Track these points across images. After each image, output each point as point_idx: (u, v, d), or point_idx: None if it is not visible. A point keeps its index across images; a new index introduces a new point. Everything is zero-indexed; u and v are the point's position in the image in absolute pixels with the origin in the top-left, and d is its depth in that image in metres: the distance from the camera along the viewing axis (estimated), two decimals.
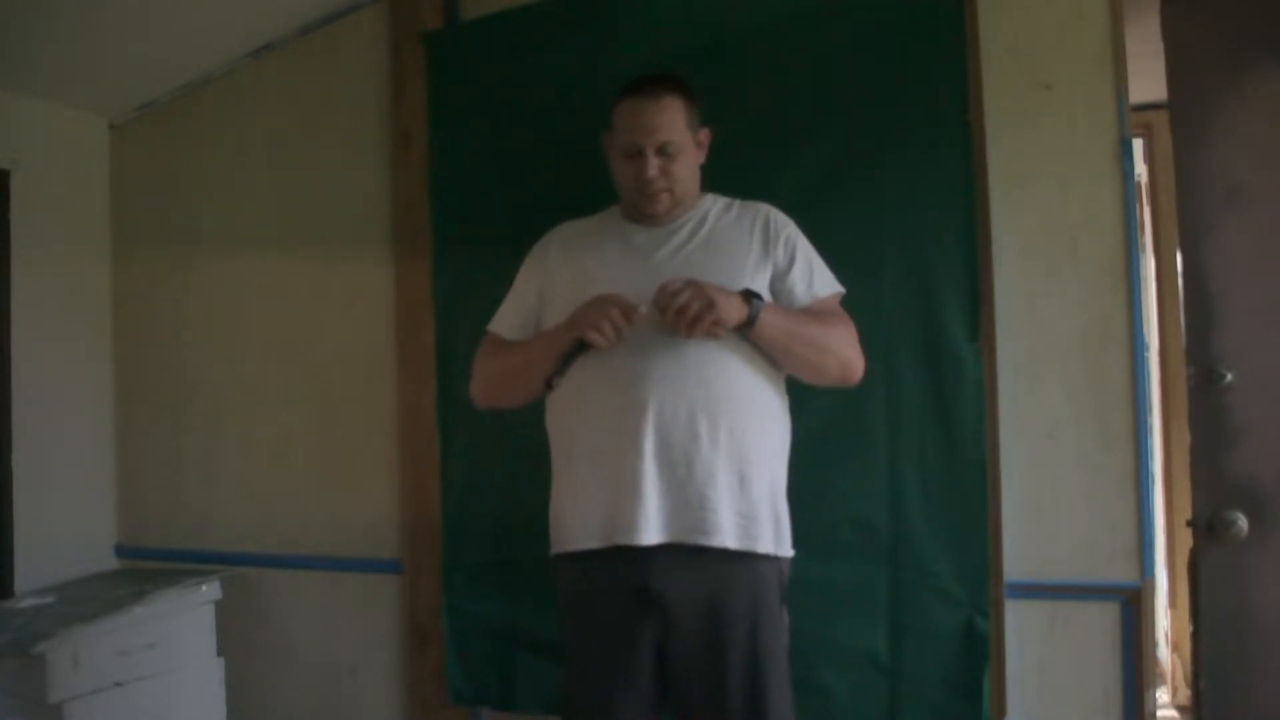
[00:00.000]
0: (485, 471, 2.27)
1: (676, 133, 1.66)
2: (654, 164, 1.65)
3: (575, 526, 1.65)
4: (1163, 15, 1.62)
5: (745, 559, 1.59)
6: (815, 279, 1.69)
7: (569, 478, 1.67)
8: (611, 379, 1.60)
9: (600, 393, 1.62)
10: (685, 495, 1.57)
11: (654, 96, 1.65)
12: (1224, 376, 1.56)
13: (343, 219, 2.56)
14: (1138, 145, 2.63)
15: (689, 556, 1.57)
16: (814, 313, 1.66)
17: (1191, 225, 1.60)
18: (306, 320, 2.61)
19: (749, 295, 1.57)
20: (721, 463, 1.57)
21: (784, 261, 1.68)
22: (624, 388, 1.59)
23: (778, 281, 1.68)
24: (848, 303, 1.76)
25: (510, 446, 2.13)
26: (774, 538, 1.62)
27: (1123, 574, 1.85)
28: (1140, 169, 2.83)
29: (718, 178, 1.79)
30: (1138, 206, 2.20)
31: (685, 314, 1.50)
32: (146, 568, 2.77)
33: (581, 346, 1.58)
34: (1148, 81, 1.80)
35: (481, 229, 2.30)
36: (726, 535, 1.57)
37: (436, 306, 2.36)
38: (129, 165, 2.88)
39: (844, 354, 1.66)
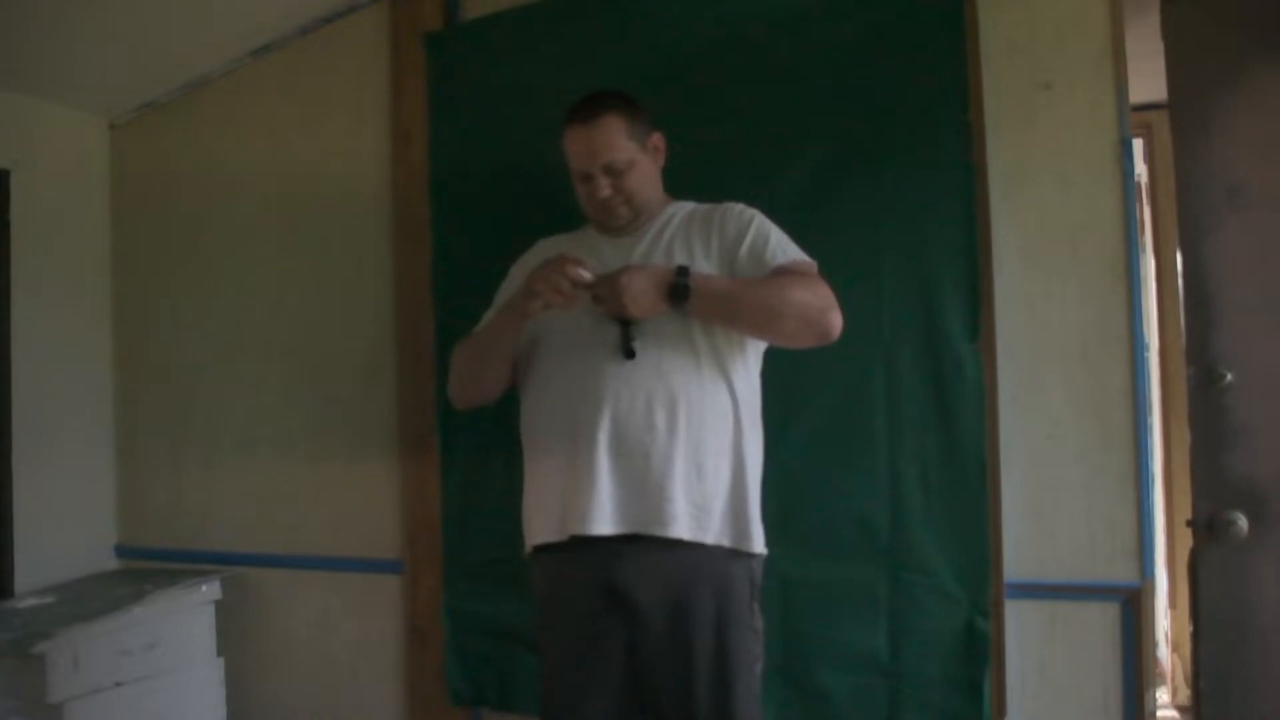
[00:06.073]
0: (485, 471, 2.27)
1: (619, 150, 1.67)
2: (604, 185, 1.68)
3: (538, 520, 1.68)
4: (1163, 15, 1.62)
5: (714, 556, 1.60)
6: (770, 250, 1.65)
7: (533, 473, 1.71)
8: (572, 377, 1.64)
9: (562, 389, 1.66)
10: (644, 486, 1.58)
11: (590, 120, 1.67)
12: (1224, 376, 1.56)
13: (343, 219, 2.56)
14: (1138, 145, 2.63)
15: (656, 552, 1.58)
16: (767, 278, 1.62)
17: (1191, 225, 1.60)
18: (306, 320, 2.61)
19: (679, 278, 1.56)
20: (679, 453, 1.59)
21: (732, 238, 1.67)
22: (583, 382, 1.62)
23: (729, 259, 1.66)
24: (850, 303, 1.74)
25: (510, 446, 2.13)
26: (730, 532, 1.62)
27: (1122, 574, 1.85)
28: (1140, 169, 2.82)
29: (717, 178, 1.79)
30: (1138, 206, 2.20)
31: (601, 300, 1.57)
32: (146, 568, 2.77)
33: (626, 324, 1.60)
34: (1148, 81, 1.79)
35: (482, 229, 2.30)
36: (681, 525, 1.58)
37: (436, 306, 2.36)
38: (129, 165, 2.88)
39: (803, 310, 1.57)
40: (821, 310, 1.58)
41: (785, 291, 1.59)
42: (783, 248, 1.66)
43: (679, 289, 1.55)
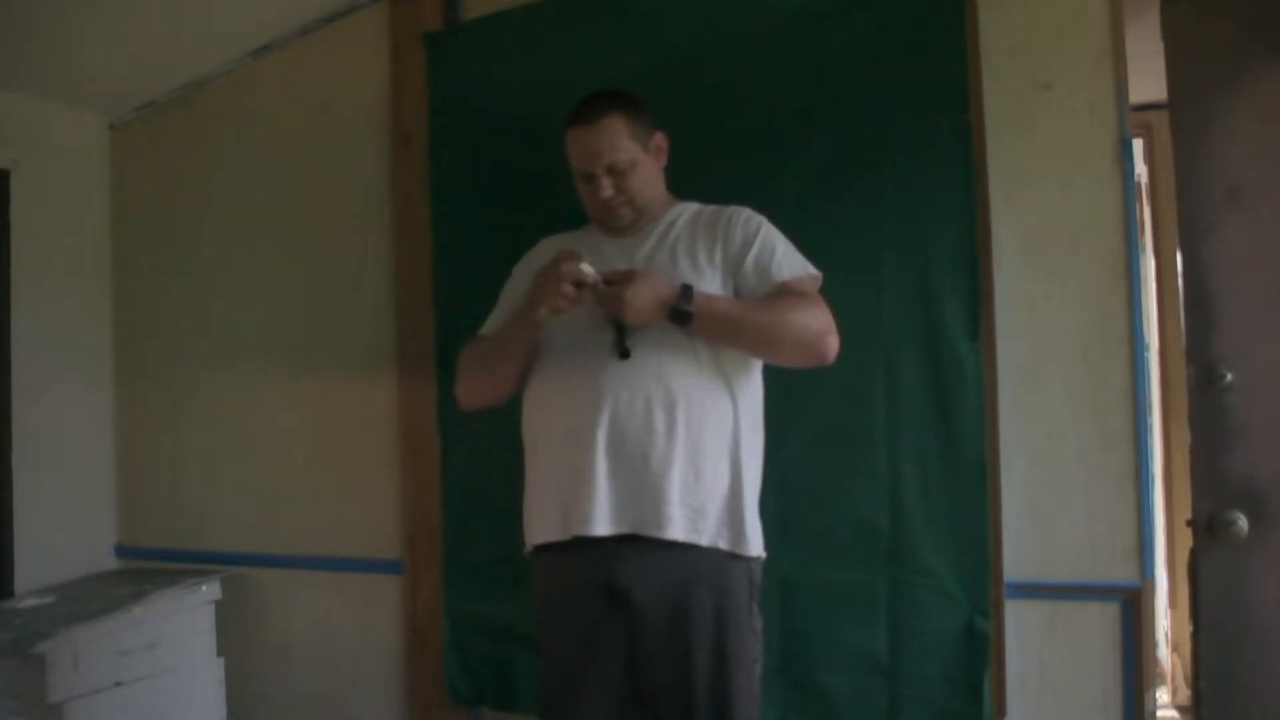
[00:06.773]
0: (485, 471, 2.27)
1: (622, 150, 1.67)
2: (606, 185, 1.68)
3: (538, 520, 1.68)
4: (1163, 15, 1.62)
5: (712, 557, 1.61)
6: (775, 264, 1.66)
7: (533, 472, 1.72)
8: (572, 376, 1.64)
9: (562, 389, 1.66)
10: (641, 487, 1.58)
11: (592, 121, 1.67)
12: (1224, 376, 1.56)
13: (343, 219, 2.56)
14: (1138, 145, 2.63)
15: (655, 553, 1.59)
16: (768, 300, 1.64)
17: (1191, 225, 1.60)
18: (306, 320, 2.61)
19: (682, 303, 1.57)
20: (677, 455, 1.59)
21: (738, 249, 1.68)
22: (583, 383, 1.62)
23: (733, 269, 1.67)
24: (849, 303, 1.74)
25: (510, 446, 2.14)
26: (726, 534, 1.62)
27: (1123, 574, 1.85)
28: (1140, 169, 2.82)
29: (717, 178, 1.79)
30: (1138, 206, 2.20)
31: (602, 304, 1.58)
32: (146, 567, 2.77)
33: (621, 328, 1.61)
34: (1148, 81, 1.79)
35: (481, 229, 2.30)
36: (677, 527, 1.58)
37: (436, 306, 2.36)
38: (129, 165, 2.88)
39: (801, 335, 1.60)
40: (819, 335, 1.61)
41: (785, 316, 1.61)
42: (788, 261, 1.67)
43: (681, 315, 1.57)
